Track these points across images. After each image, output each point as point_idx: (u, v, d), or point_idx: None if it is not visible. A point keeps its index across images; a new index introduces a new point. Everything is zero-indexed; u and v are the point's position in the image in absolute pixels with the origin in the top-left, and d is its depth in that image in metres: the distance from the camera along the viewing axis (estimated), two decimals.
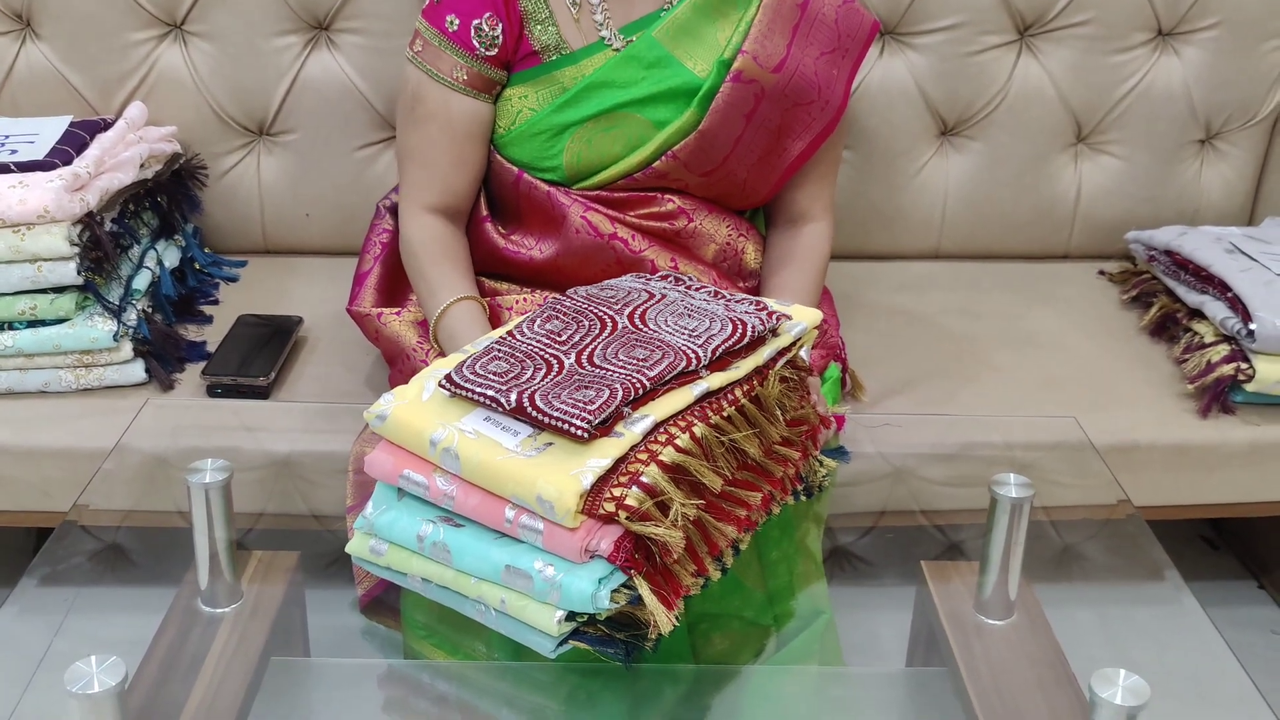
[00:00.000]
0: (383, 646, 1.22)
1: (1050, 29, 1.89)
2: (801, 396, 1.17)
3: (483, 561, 0.99)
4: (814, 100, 1.47)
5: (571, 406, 0.97)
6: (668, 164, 1.45)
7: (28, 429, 1.52)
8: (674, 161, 1.45)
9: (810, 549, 1.33)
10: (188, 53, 1.83)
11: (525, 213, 1.50)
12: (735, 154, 1.46)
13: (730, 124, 1.44)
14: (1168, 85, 1.93)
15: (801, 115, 1.47)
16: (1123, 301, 1.88)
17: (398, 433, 1.03)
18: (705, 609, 1.16)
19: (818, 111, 1.48)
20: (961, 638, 1.17)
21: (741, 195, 1.52)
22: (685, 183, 1.48)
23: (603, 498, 0.94)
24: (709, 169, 1.46)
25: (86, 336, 1.53)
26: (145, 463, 1.39)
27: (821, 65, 1.46)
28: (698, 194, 1.50)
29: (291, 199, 1.91)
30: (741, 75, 1.42)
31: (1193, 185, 1.99)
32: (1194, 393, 1.62)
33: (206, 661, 1.10)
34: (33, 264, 1.51)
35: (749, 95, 1.43)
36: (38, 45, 1.82)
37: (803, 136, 1.48)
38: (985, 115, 1.92)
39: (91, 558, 1.27)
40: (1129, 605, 1.31)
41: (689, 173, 1.46)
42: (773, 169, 1.50)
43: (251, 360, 1.60)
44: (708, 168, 1.46)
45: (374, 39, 1.83)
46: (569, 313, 1.13)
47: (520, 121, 1.47)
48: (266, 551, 1.25)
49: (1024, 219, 1.98)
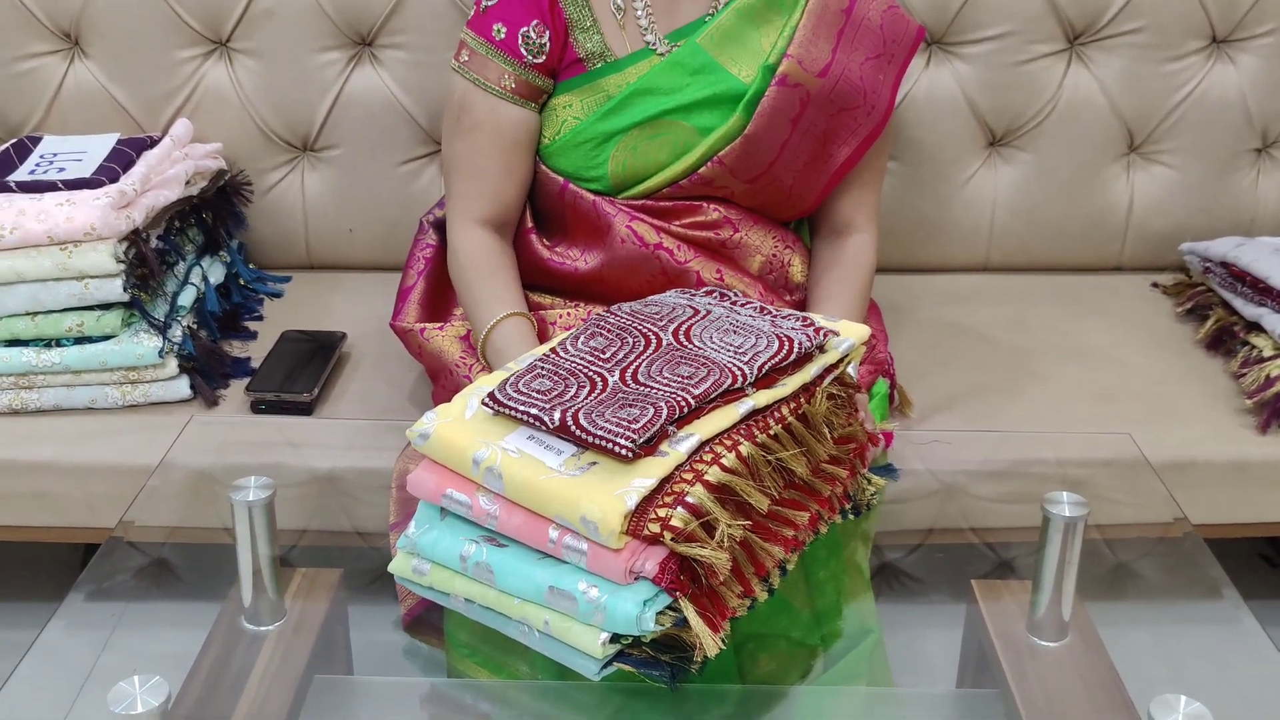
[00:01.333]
0: (425, 665, 1.21)
1: (1101, 37, 1.86)
2: (849, 414, 1.15)
3: (526, 582, 0.98)
4: (860, 105, 1.45)
5: (616, 425, 0.96)
6: (713, 170, 1.44)
7: (74, 445, 1.52)
8: (720, 168, 1.44)
9: (858, 567, 1.31)
10: (233, 70, 1.84)
11: (570, 223, 1.50)
12: (781, 159, 1.45)
13: (776, 129, 1.43)
14: (1223, 93, 1.89)
15: (847, 120, 1.46)
16: (1177, 314, 1.85)
17: (441, 451, 1.02)
18: (752, 629, 1.14)
19: (864, 116, 1.46)
20: (1014, 659, 1.15)
21: (788, 203, 1.51)
22: (731, 190, 1.47)
23: (647, 518, 0.93)
24: (755, 174, 1.45)
25: (132, 353, 1.54)
26: (190, 479, 1.39)
27: (867, 70, 1.45)
28: (744, 202, 1.49)
29: (335, 214, 1.91)
30: (787, 79, 1.41)
31: (1249, 195, 1.95)
32: (1252, 408, 1.59)
33: (250, 679, 1.10)
34: (79, 281, 1.52)
35: (794, 100, 1.42)
36: (85, 64, 1.84)
37: (849, 142, 1.47)
38: (1035, 125, 1.90)
39: (137, 573, 1.27)
40: (1186, 626, 1.28)
41: (735, 179, 1.45)
42: (819, 175, 1.49)
43: (295, 376, 1.60)
44: (754, 173, 1.45)
45: (417, 54, 1.83)
46: (613, 329, 1.11)
47: (565, 130, 1.46)
48: (310, 569, 1.25)
49: (1075, 230, 1.95)
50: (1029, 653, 1.16)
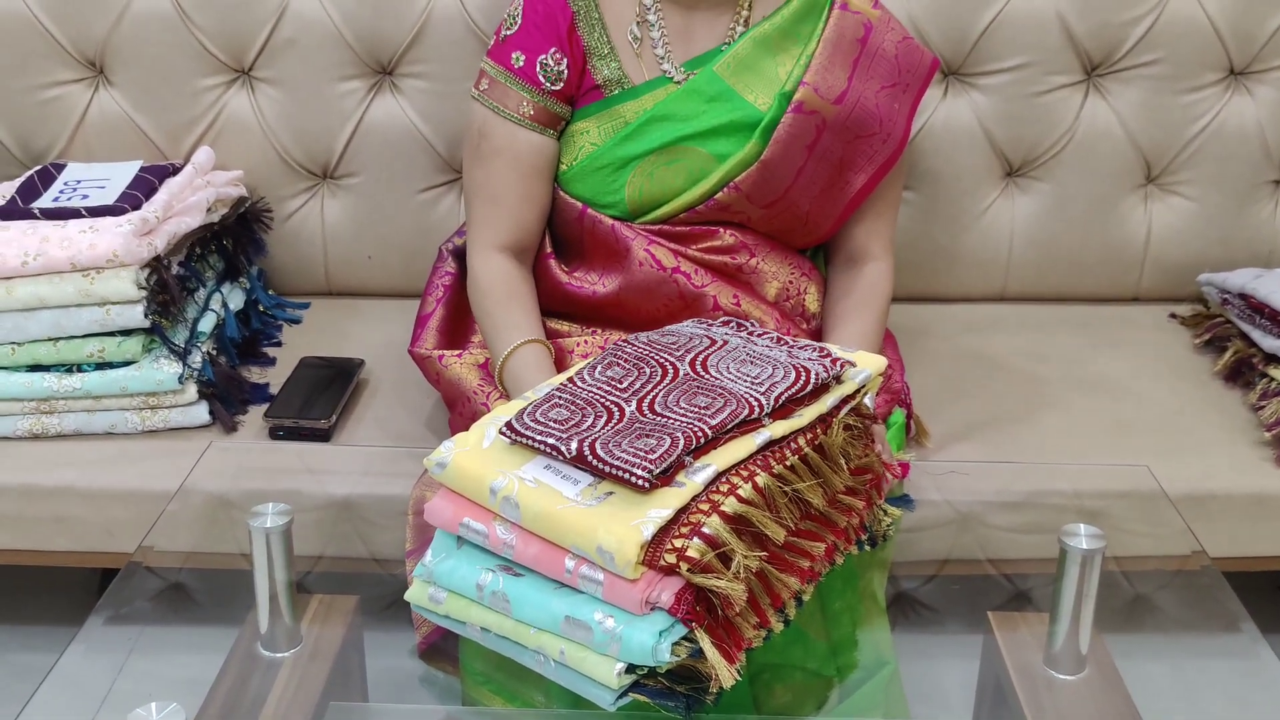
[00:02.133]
0: (441, 693, 1.21)
1: (1119, 69, 1.87)
2: (866, 445, 1.15)
3: (542, 612, 0.98)
4: (876, 132, 1.47)
5: (633, 455, 0.96)
6: (730, 196, 1.45)
7: (94, 470, 1.53)
8: (736, 193, 1.45)
9: (874, 598, 1.31)
10: (255, 98, 1.86)
11: (589, 247, 1.51)
12: (797, 185, 1.46)
13: (792, 155, 1.44)
14: (1240, 125, 1.89)
15: (864, 147, 1.47)
16: (1195, 345, 1.84)
17: (458, 480, 1.02)
18: (767, 659, 1.14)
19: (879, 144, 1.48)
20: (1031, 693, 1.14)
21: (804, 230, 1.52)
22: (748, 215, 1.48)
23: (664, 549, 0.93)
24: (771, 200, 1.46)
25: (152, 379, 1.55)
26: (208, 504, 1.40)
27: (883, 99, 1.47)
28: (760, 228, 1.50)
29: (354, 241, 1.92)
30: (803, 106, 1.43)
31: (1268, 226, 1.94)
32: (1271, 440, 1.58)
33: (266, 706, 1.10)
34: (101, 307, 1.53)
35: (810, 126, 1.43)
36: (110, 92, 1.85)
37: (865, 170, 1.49)
38: (1052, 156, 1.90)
39: (155, 598, 1.28)
40: (1204, 659, 1.27)
41: (751, 204, 1.46)
42: (835, 202, 1.50)
43: (313, 403, 1.61)
44: (770, 199, 1.46)
45: (437, 83, 1.84)
46: (630, 359, 1.12)
47: (583, 156, 1.48)
48: (326, 595, 1.25)
49: (1092, 260, 1.95)
50: (1046, 685, 1.15)
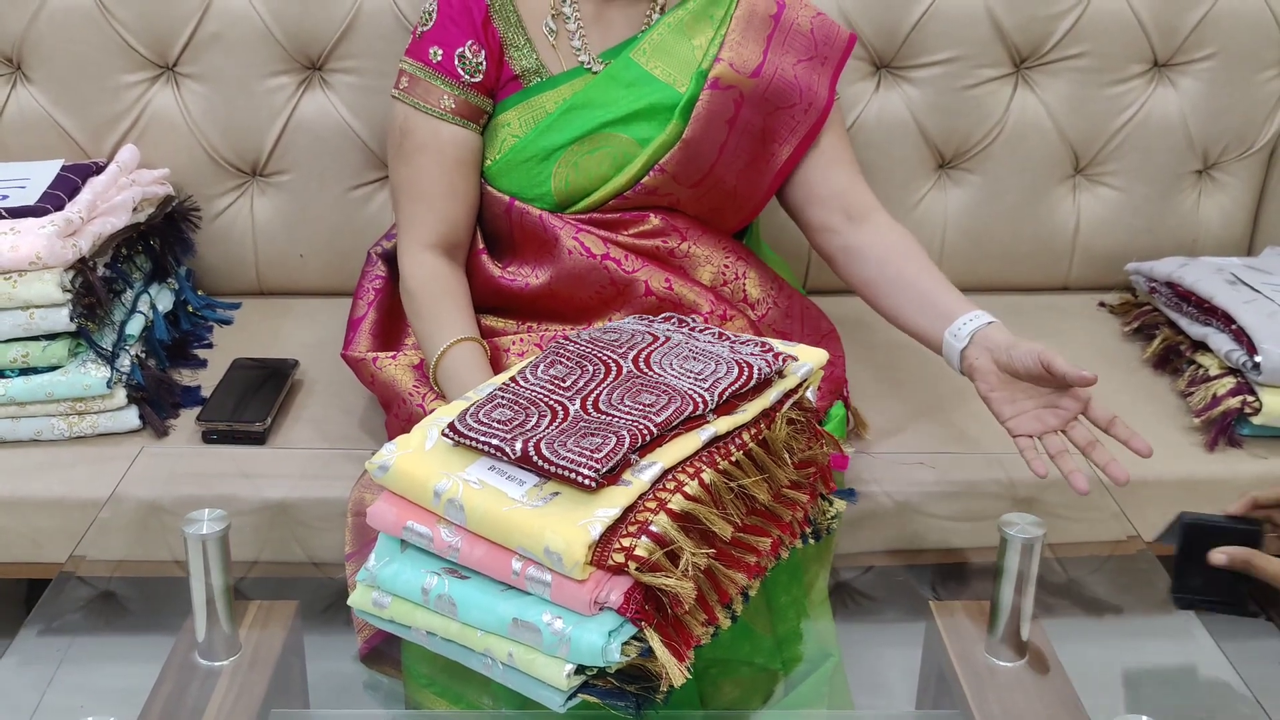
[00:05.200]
0: (384, 697, 1.20)
1: (1046, 61, 1.89)
2: (808, 438, 1.16)
3: (489, 614, 0.97)
4: (796, 103, 1.49)
5: (578, 455, 0.96)
6: (656, 179, 1.46)
7: (19, 478, 1.49)
8: (662, 175, 1.46)
9: (817, 590, 1.32)
10: (180, 94, 1.82)
11: (519, 241, 1.51)
12: (721, 161, 1.48)
13: (713, 131, 1.46)
14: (1164, 116, 1.92)
15: (785, 119, 1.50)
16: (1124, 333, 1.87)
17: (401, 483, 1.01)
18: (713, 655, 1.13)
19: (801, 114, 1.50)
20: (974, 681, 1.15)
21: (734, 206, 1.53)
22: (677, 197, 1.49)
23: (611, 548, 0.92)
24: (697, 179, 1.48)
25: (80, 383, 1.51)
26: (140, 511, 1.37)
27: (801, 70, 1.50)
28: (690, 210, 1.51)
29: (286, 240, 1.89)
30: (719, 82, 1.45)
31: (1191, 215, 1.98)
32: (1200, 426, 1.61)
33: (205, 716, 1.08)
34: (25, 311, 1.49)
35: (729, 101, 1.46)
36: (28, 88, 1.81)
37: (789, 141, 1.51)
38: (983, 148, 1.92)
39: (86, 608, 1.24)
40: (1141, 640, 1.29)
41: (678, 185, 1.48)
42: (762, 174, 1.52)
43: (247, 405, 1.58)
44: (696, 178, 1.48)
45: (367, 78, 1.82)
46: (572, 357, 1.11)
47: (506, 149, 1.48)
48: (264, 600, 1.23)
49: (1023, 251, 1.98)
50: (989, 674, 1.16)
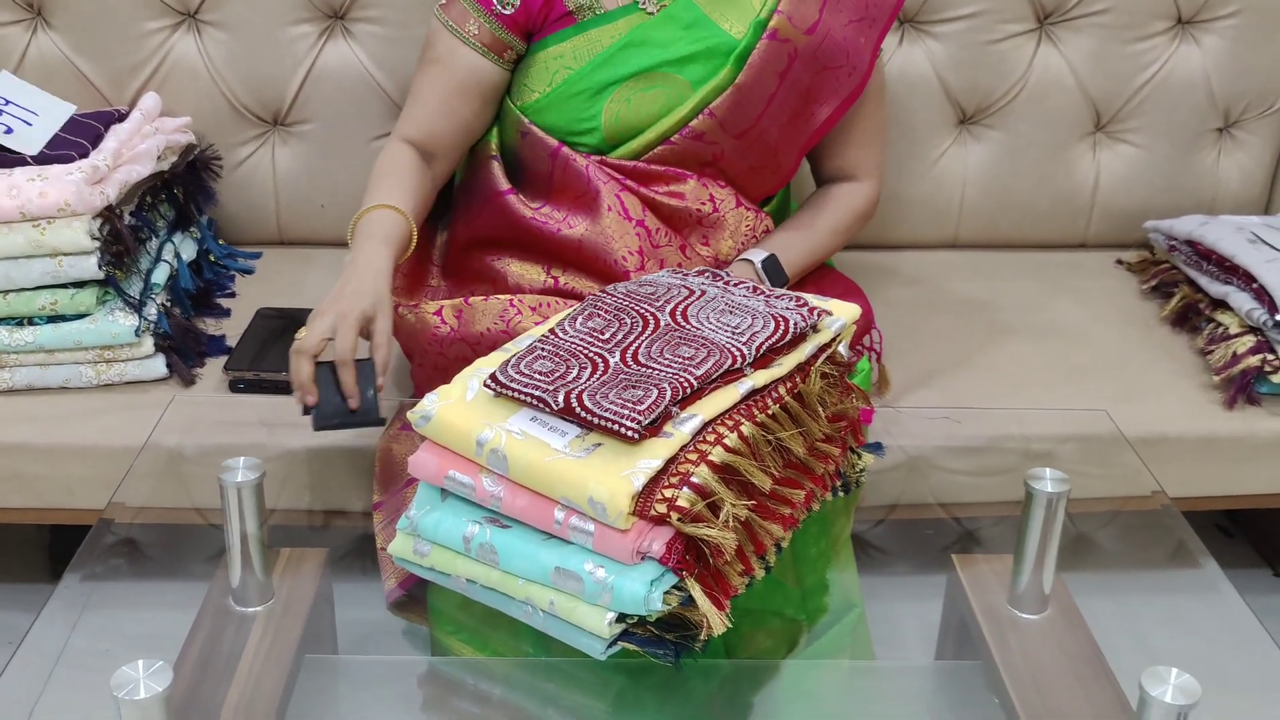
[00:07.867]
0: (410, 643, 1.21)
1: (1070, 17, 1.88)
2: (840, 392, 1.17)
3: (531, 563, 0.99)
4: (842, 65, 1.50)
5: (620, 407, 0.97)
6: (705, 122, 1.48)
7: (50, 426, 1.50)
8: (711, 120, 1.47)
9: (842, 543, 1.33)
10: (202, 42, 1.81)
11: (558, 187, 1.51)
12: (768, 113, 1.49)
13: (765, 81, 1.47)
14: (1187, 74, 1.92)
15: (830, 79, 1.51)
16: (1142, 291, 1.88)
17: (443, 433, 1.02)
18: (740, 605, 1.15)
19: (845, 76, 1.51)
20: (996, 632, 1.17)
21: (774, 165, 1.55)
22: (721, 148, 1.50)
23: (654, 499, 0.94)
24: (744, 128, 1.49)
25: (108, 331, 1.52)
26: (171, 459, 1.38)
27: (850, 31, 1.50)
28: (731, 170, 1.52)
29: (307, 189, 1.89)
30: (777, 34, 1.46)
31: (1210, 174, 1.98)
32: (1219, 384, 1.62)
33: (242, 660, 1.10)
34: (53, 258, 1.49)
35: (783, 54, 1.47)
36: (49, 34, 1.80)
37: (829, 102, 1.52)
38: (1004, 104, 1.91)
39: (124, 555, 1.26)
40: (1164, 595, 1.31)
41: (725, 133, 1.49)
42: (800, 132, 1.53)
43: (273, 355, 1.58)
44: (743, 126, 1.49)
45: (390, 28, 1.81)
46: (610, 310, 1.12)
47: (558, 81, 1.49)
48: (294, 549, 1.24)
49: (1042, 208, 1.98)
50: (1011, 625, 1.18)
